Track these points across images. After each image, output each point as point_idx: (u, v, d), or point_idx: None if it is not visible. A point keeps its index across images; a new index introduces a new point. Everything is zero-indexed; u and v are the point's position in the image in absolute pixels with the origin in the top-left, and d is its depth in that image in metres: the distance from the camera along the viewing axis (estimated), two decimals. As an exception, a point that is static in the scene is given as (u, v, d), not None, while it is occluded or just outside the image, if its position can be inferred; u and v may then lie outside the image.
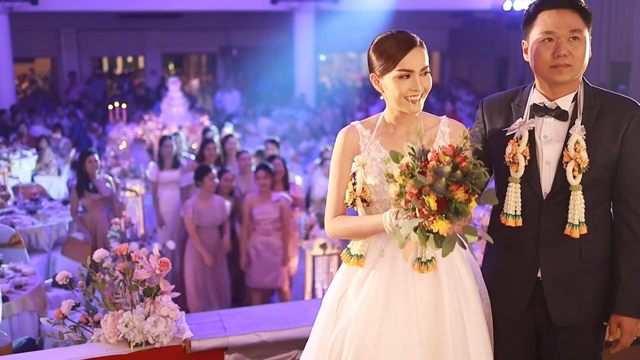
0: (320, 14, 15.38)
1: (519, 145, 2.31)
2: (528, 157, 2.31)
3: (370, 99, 16.63)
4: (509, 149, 2.33)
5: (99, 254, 2.93)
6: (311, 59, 15.60)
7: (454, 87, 18.62)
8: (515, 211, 2.33)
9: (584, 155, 2.24)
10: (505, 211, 2.35)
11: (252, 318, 3.00)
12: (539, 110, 2.33)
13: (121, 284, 2.90)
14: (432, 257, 2.20)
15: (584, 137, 2.24)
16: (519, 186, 2.33)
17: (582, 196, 2.25)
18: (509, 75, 18.24)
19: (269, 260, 5.98)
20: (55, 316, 3.01)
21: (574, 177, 2.25)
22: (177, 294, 2.94)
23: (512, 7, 15.36)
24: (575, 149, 2.24)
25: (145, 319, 2.82)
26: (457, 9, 17.15)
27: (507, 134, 2.35)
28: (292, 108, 14.22)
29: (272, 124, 13.05)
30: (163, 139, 7.54)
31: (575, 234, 2.25)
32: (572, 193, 2.26)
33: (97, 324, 2.97)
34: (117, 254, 2.92)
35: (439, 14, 17.58)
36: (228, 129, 9.91)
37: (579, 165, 2.24)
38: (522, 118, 2.35)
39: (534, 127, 2.33)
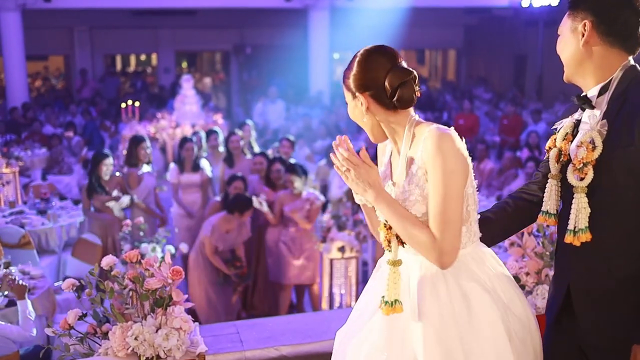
0: (335, 11, 15.17)
1: (556, 139, 2.18)
2: (567, 153, 2.14)
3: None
4: (548, 142, 2.20)
5: (107, 260, 2.73)
6: (326, 57, 15.38)
7: (471, 85, 18.36)
8: (549, 209, 2.16)
9: (583, 153, 2.01)
10: (542, 208, 2.20)
11: (270, 330, 2.79)
12: (575, 103, 2.18)
13: (131, 292, 2.71)
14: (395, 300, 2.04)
15: (605, 132, 2.01)
16: (555, 182, 2.16)
17: (586, 200, 2.02)
18: (526, 73, 17.94)
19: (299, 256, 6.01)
20: (61, 326, 2.82)
21: (581, 178, 2.02)
22: (190, 304, 2.74)
23: (530, 4, 15.04)
24: (579, 145, 2.04)
25: (157, 331, 2.63)
26: (473, 5, 16.90)
27: (552, 127, 2.23)
28: (307, 106, 14.01)
29: (285, 122, 12.86)
30: (184, 142, 7.25)
31: (575, 241, 2.02)
32: (574, 195, 2.03)
33: (106, 335, 2.78)
34: (127, 260, 2.73)
35: (455, 10, 17.32)
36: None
37: (584, 163, 2.01)
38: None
39: (578, 121, 2.16)
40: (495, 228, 2.32)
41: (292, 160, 6.83)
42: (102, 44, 18.80)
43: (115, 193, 6.41)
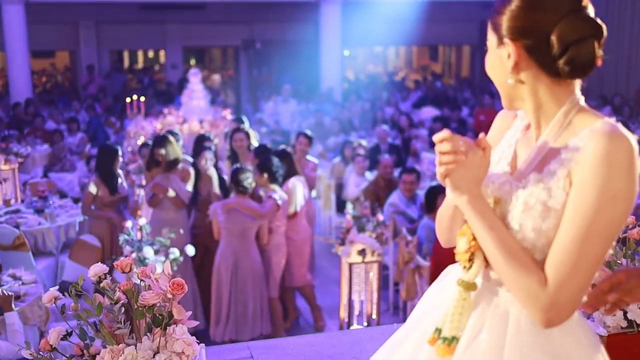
0: (347, 5, 14.74)
1: None
2: None
3: (402, 94, 15.98)
4: None
5: (95, 270, 2.28)
6: (337, 52, 14.97)
7: (487, 81, 17.87)
8: None
9: None
10: None
11: (291, 354, 2.33)
12: None
13: (123, 309, 2.25)
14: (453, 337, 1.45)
15: None
16: None
17: None
18: (543, 69, 17.45)
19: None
20: (42, 348, 2.37)
21: None
22: (195, 323, 2.28)
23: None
24: None
25: (154, 356, 2.18)
26: (489, -1, 16.42)
27: None
28: (318, 103, 13.59)
29: (297, 118, 12.45)
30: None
31: None
32: None
33: (94, 358, 2.33)
34: (119, 269, 2.27)
35: (470, 5, 16.82)
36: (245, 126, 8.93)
37: None
38: None
39: None
40: None
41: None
42: (108, 40, 18.40)
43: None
